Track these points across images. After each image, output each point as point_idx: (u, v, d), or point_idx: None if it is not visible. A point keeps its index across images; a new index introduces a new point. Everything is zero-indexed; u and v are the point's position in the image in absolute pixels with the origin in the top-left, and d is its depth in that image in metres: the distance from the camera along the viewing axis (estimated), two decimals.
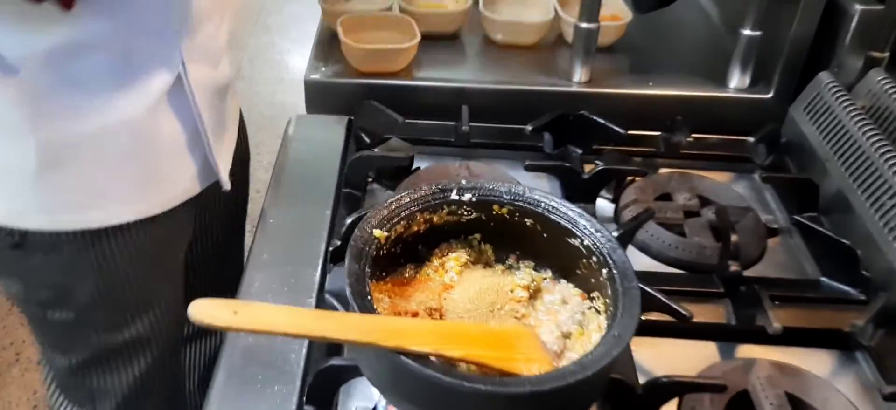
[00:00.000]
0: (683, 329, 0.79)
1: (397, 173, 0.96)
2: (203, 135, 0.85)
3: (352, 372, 0.66)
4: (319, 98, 1.10)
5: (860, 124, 0.92)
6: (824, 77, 1.01)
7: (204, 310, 0.48)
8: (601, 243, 0.66)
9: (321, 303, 0.78)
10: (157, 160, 0.83)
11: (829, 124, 0.97)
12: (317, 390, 0.67)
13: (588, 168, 0.98)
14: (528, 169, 0.93)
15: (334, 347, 0.72)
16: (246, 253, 0.85)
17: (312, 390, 0.67)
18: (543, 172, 0.97)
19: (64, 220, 0.80)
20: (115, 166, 0.80)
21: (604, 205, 0.97)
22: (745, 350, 0.80)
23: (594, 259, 0.66)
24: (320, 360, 0.67)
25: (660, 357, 0.78)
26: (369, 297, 0.59)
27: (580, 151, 1.01)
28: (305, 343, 0.72)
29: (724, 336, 0.81)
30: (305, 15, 1.13)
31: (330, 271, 0.80)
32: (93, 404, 0.96)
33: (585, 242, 0.67)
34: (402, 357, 0.54)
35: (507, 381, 0.54)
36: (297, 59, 3.22)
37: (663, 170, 1.03)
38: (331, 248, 0.81)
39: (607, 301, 0.65)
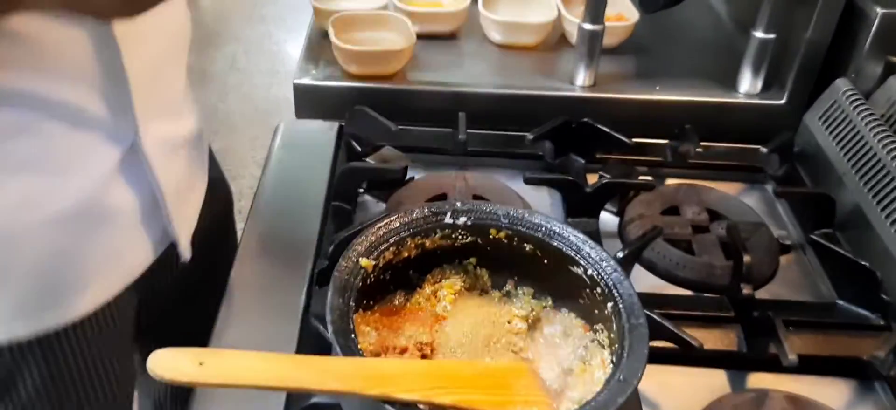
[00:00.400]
0: (692, 357, 0.74)
1: (390, 184, 0.91)
2: (161, 203, 0.72)
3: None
4: (309, 102, 1.05)
5: (879, 134, 0.87)
6: (842, 83, 0.96)
7: (164, 363, 0.43)
8: (606, 273, 0.61)
9: (306, 328, 0.73)
10: (111, 240, 0.70)
11: (846, 134, 0.92)
12: None
13: (591, 179, 0.93)
14: (528, 182, 0.88)
15: None
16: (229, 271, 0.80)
17: None
18: (544, 185, 0.92)
19: (15, 327, 0.67)
20: (65, 258, 0.67)
21: (608, 218, 0.92)
22: (757, 379, 0.75)
23: (598, 290, 0.61)
24: (302, 398, 0.62)
25: (666, 388, 0.73)
26: (353, 336, 0.55)
27: (583, 161, 0.96)
28: None
29: (734, 364, 0.76)
30: (302, 4, 1.09)
31: (316, 293, 0.75)
32: None
33: (589, 272, 0.62)
34: (388, 407, 0.49)
35: None
36: (293, 50, 3.17)
37: (670, 181, 0.98)
38: (317, 269, 0.76)
39: (613, 335, 0.60)
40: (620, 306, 0.59)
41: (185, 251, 0.78)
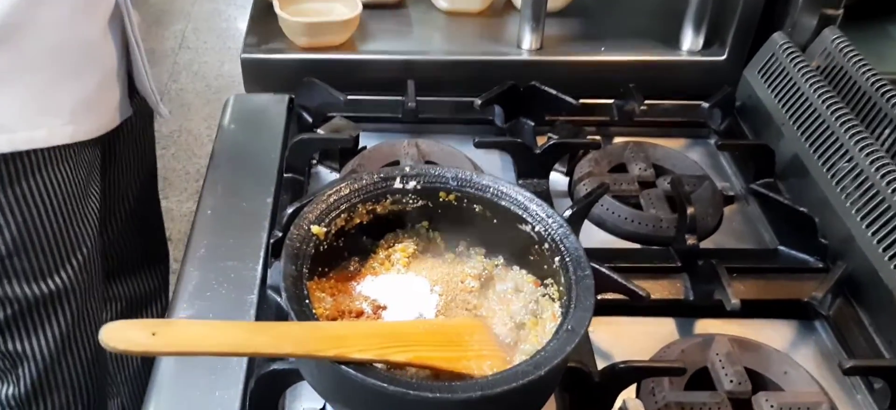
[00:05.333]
0: (641, 307, 0.76)
1: (342, 154, 0.92)
2: (140, 59, 0.87)
3: (296, 376, 0.62)
4: (258, 76, 1.04)
5: (815, 86, 0.90)
6: (779, 37, 0.99)
7: (117, 335, 0.43)
8: (553, 229, 0.63)
9: (263, 300, 0.74)
10: (97, 82, 0.84)
11: (783, 86, 0.95)
12: (259, 395, 0.63)
13: (541, 141, 0.94)
14: (479, 146, 0.89)
15: None
16: (184, 250, 0.80)
17: (254, 395, 0.63)
18: (495, 148, 0.93)
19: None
20: (61, 84, 0.80)
21: (558, 178, 0.94)
22: (704, 326, 0.78)
23: (546, 245, 0.63)
24: (263, 364, 0.63)
25: (617, 338, 0.76)
26: (307, 301, 0.55)
27: (532, 123, 0.98)
28: None
29: (682, 312, 0.79)
30: None
31: (271, 264, 0.76)
32: (15, 371, 0.90)
33: (537, 228, 0.63)
34: (343, 367, 0.51)
35: (456, 386, 0.51)
36: (243, 25, 3.11)
37: (618, 140, 1.00)
38: (272, 241, 0.76)
39: (561, 288, 0.62)
40: (567, 260, 0.60)
41: (165, 111, 0.94)
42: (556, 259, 0.62)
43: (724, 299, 0.73)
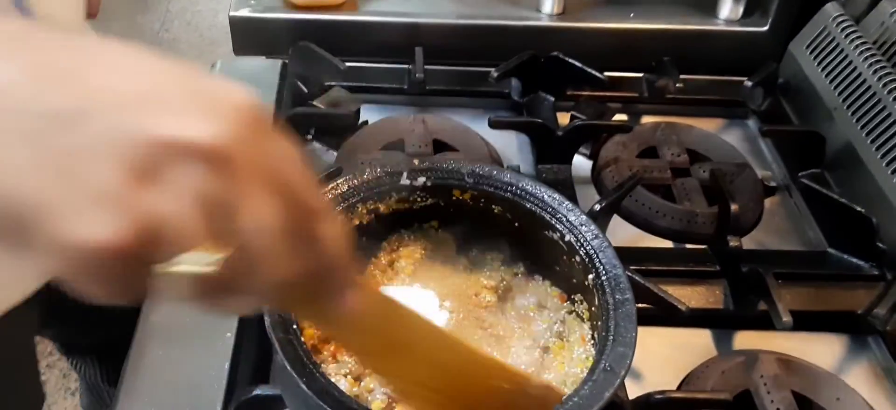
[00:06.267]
0: (675, 317, 0.67)
1: (341, 130, 0.82)
2: None
3: (282, 403, 0.54)
4: (249, 38, 0.94)
5: (873, 64, 0.80)
6: (832, 8, 0.88)
7: None
8: (586, 239, 0.54)
9: (242, 337, 0.64)
10: None
11: (836, 64, 0.85)
12: None
13: (562, 119, 0.85)
14: (494, 126, 0.79)
15: (260, 373, 0.59)
16: None
17: None
18: (512, 129, 0.83)
19: None
20: None
21: (581, 162, 0.85)
22: (745, 338, 0.70)
23: (577, 259, 0.54)
24: (243, 391, 0.54)
25: (647, 352, 0.66)
26: (295, 326, 0.47)
27: (552, 99, 0.88)
28: (226, 366, 0.58)
29: (720, 323, 0.70)
30: None
31: None
32: None
33: (567, 238, 0.54)
34: None
35: None
36: None
37: (646, 119, 0.90)
38: None
39: (593, 309, 0.53)
40: (603, 279, 0.51)
41: None
42: (590, 276, 0.52)
43: (773, 315, 0.65)
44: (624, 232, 0.77)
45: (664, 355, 0.67)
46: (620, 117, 0.89)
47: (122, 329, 0.60)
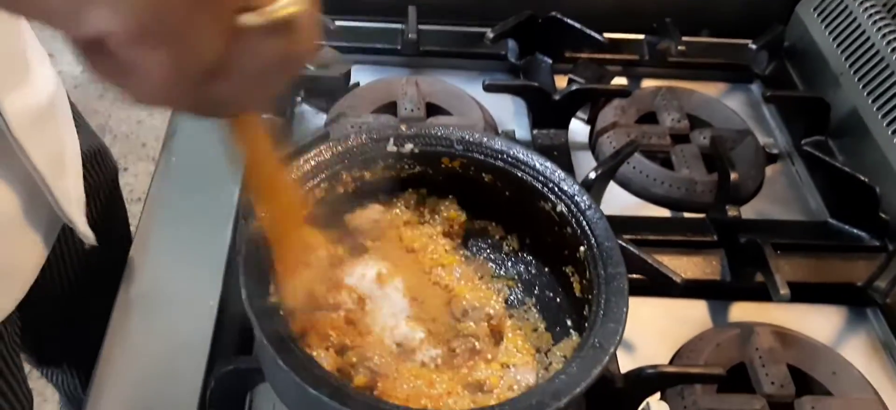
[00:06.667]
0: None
1: (331, 92, 0.79)
2: (43, 185, 0.57)
3: (263, 376, 0.52)
4: None
5: (883, 28, 0.77)
6: None
7: None
8: (579, 210, 0.52)
9: (231, 266, 0.63)
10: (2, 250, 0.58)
11: (844, 28, 0.82)
12: (220, 395, 0.53)
13: (560, 83, 0.82)
14: (488, 90, 0.77)
15: (244, 343, 0.58)
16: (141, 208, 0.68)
17: (215, 396, 0.53)
18: (507, 93, 0.81)
19: None
20: None
21: (578, 126, 0.82)
22: (741, 309, 0.68)
23: (569, 229, 0.52)
24: (223, 362, 0.53)
25: (641, 323, 0.65)
26: (275, 300, 0.45)
27: (550, 61, 0.85)
28: (208, 336, 0.57)
29: (717, 294, 0.68)
30: None
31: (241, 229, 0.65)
32: None
33: (559, 208, 0.53)
34: (313, 390, 0.40)
35: None
36: None
37: (647, 83, 0.88)
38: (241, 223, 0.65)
39: (584, 283, 0.52)
40: (595, 251, 0.49)
41: (86, 233, 0.64)
42: (582, 248, 0.51)
43: (770, 287, 0.63)
44: (621, 200, 0.75)
45: (658, 326, 0.66)
46: (620, 81, 0.87)
47: (99, 334, 0.58)
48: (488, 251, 0.58)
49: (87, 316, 0.72)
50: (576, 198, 0.52)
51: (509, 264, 0.57)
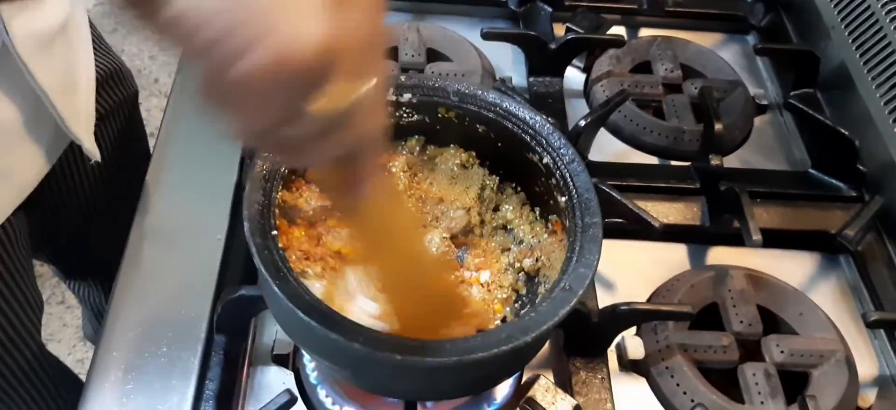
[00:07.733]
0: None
1: None
2: (47, 102, 0.61)
3: (264, 303, 0.57)
4: None
5: None
6: None
7: None
8: (563, 162, 0.55)
9: (238, 205, 0.67)
10: None
11: None
12: (227, 319, 0.58)
13: (559, 31, 0.85)
14: (486, 38, 0.79)
15: (249, 274, 0.63)
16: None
17: (222, 319, 0.58)
18: (505, 41, 0.83)
19: None
20: None
21: (573, 75, 0.85)
22: (718, 254, 0.72)
23: (553, 181, 0.56)
24: (230, 290, 0.58)
25: (622, 264, 0.69)
26: (275, 233, 0.49)
27: (550, 9, 0.87)
28: (216, 267, 0.62)
29: (696, 239, 0.72)
30: None
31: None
32: None
33: (545, 160, 0.56)
34: (307, 318, 0.45)
35: (428, 347, 0.46)
36: None
37: (644, 32, 0.90)
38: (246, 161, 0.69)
39: (565, 229, 0.55)
40: (574, 201, 0.53)
41: (92, 150, 0.68)
42: (563, 198, 0.54)
43: (744, 232, 0.67)
44: (610, 148, 0.79)
45: (639, 268, 0.70)
46: (618, 30, 0.89)
47: (118, 254, 0.63)
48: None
49: (103, 232, 0.78)
50: (561, 150, 0.56)
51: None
